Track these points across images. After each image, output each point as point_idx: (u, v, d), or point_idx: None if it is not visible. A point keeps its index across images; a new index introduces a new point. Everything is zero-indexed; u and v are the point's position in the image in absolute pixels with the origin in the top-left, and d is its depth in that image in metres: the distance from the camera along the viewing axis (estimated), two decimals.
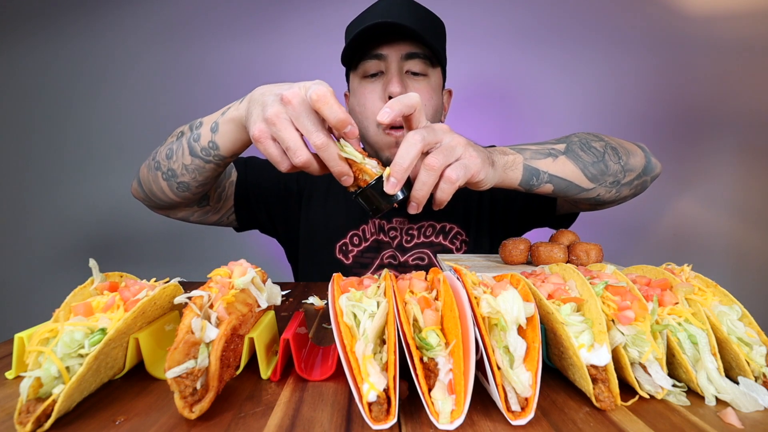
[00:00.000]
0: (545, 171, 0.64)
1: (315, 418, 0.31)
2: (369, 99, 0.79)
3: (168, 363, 0.30)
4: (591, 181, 0.68)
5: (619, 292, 0.37)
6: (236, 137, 0.62)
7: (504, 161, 0.61)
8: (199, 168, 0.67)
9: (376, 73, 0.79)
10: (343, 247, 0.90)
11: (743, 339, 0.36)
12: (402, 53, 0.77)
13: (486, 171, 0.55)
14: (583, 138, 0.70)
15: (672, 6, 1.57)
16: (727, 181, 1.62)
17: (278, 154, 0.51)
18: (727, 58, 1.57)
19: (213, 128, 0.64)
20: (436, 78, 0.82)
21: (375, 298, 0.36)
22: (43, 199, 1.65)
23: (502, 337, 0.32)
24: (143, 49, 1.62)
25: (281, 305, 0.64)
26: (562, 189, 0.67)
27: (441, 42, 0.82)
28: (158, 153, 0.72)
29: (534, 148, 0.66)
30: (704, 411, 0.32)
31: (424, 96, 0.79)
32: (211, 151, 0.65)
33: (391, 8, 0.76)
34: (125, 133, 1.64)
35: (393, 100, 0.50)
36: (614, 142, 0.72)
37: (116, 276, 0.44)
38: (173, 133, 0.75)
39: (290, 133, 0.49)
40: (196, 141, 0.66)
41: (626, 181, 0.72)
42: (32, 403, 0.30)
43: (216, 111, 0.66)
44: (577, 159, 0.67)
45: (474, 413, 0.31)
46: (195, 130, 0.67)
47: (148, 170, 0.74)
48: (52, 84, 1.62)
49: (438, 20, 0.82)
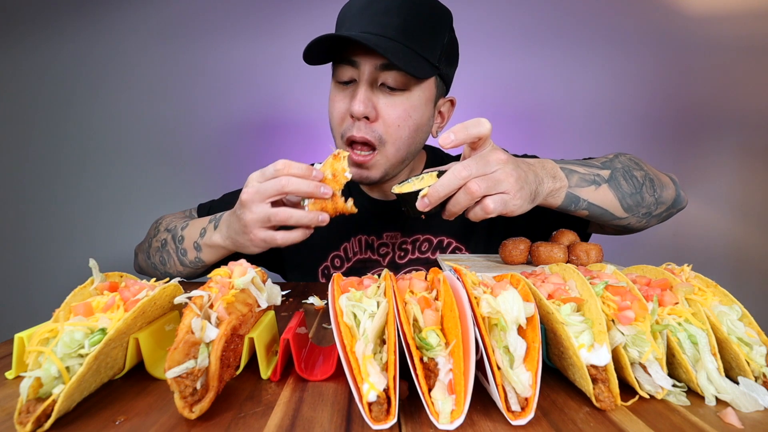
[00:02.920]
0: (585, 199, 0.64)
1: (315, 418, 0.31)
2: (336, 108, 0.73)
3: (168, 363, 0.30)
4: (626, 211, 0.68)
5: (619, 292, 0.37)
6: (219, 254, 0.72)
7: (550, 188, 0.61)
8: (191, 273, 0.79)
9: (348, 81, 0.71)
10: (325, 270, 0.87)
11: (743, 339, 0.36)
12: (377, 63, 0.67)
13: (523, 208, 0.56)
14: (626, 164, 0.70)
15: (672, 6, 1.57)
16: (727, 181, 1.62)
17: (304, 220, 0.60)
18: (727, 58, 1.57)
19: (196, 247, 0.74)
20: (422, 92, 0.71)
21: (375, 298, 0.36)
22: (43, 198, 1.65)
23: (502, 337, 0.32)
24: (143, 49, 1.62)
25: (281, 305, 0.64)
26: (596, 216, 0.67)
27: (435, 49, 0.70)
28: (151, 255, 0.83)
29: (582, 171, 0.65)
30: (704, 411, 0.32)
31: (398, 115, 0.70)
32: (198, 263, 0.76)
33: (376, 7, 0.67)
34: (125, 133, 1.64)
35: (459, 127, 0.52)
36: (652, 172, 0.72)
37: (116, 276, 0.44)
38: (150, 231, 0.87)
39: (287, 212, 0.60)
40: (184, 256, 0.76)
41: (657, 213, 0.72)
42: (32, 403, 0.30)
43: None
44: (617, 188, 0.67)
45: (474, 413, 0.31)
46: (179, 245, 0.77)
47: (146, 266, 0.85)
48: (52, 84, 1.62)
49: (439, 16, 0.71)
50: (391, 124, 0.70)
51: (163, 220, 0.88)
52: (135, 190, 1.65)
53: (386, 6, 0.67)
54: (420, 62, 0.67)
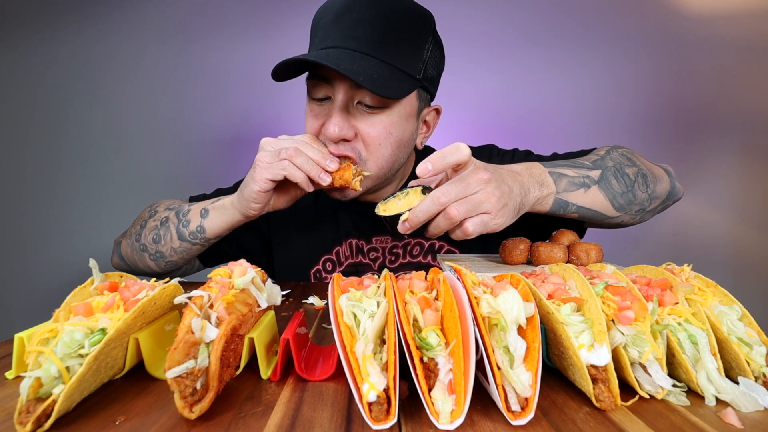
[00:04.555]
0: (574, 203, 0.64)
1: (315, 418, 0.31)
2: (310, 125, 0.70)
3: (168, 363, 0.30)
4: (617, 211, 0.67)
5: (619, 292, 0.37)
6: (223, 219, 0.72)
7: (536, 197, 0.60)
8: (186, 250, 0.77)
9: (324, 98, 0.68)
10: (317, 273, 0.86)
11: (743, 339, 0.36)
12: (352, 83, 0.64)
13: (506, 224, 0.56)
14: (617, 162, 0.69)
15: (672, 6, 1.57)
16: (727, 181, 1.62)
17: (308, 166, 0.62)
18: (727, 58, 1.57)
19: (203, 214, 0.74)
20: (402, 108, 0.68)
21: (375, 298, 0.36)
22: (42, 198, 1.65)
23: (502, 337, 0.32)
24: (143, 49, 1.62)
25: (281, 305, 0.64)
26: (587, 217, 0.67)
27: (416, 59, 0.66)
28: (142, 236, 0.80)
29: (570, 174, 0.64)
30: (704, 411, 0.32)
31: (377, 134, 0.67)
32: (198, 234, 0.74)
33: (350, 17, 0.63)
34: (125, 134, 1.64)
35: (437, 156, 0.52)
36: (645, 167, 0.71)
37: (116, 276, 0.44)
38: (141, 216, 0.84)
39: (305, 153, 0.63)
40: (185, 227, 0.75)
41: (651, 208, 0.72)
42: (32, 403, 0.30)
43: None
44: (608, 189, 0.66)
45: (474, 413, 0.31)
46: (183, 217, 0.76)
47: (132, 250, 0.81)
48: (52, 84, 1.62)
49: (418, 23, 0.66)
50: (371, 143, 0.68)
51: (160, 204, 0.86)
52: (135, 189, 1.65)
53: (361, 16, 0.63)
54: (398, 79, 0.64)
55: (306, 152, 0.63)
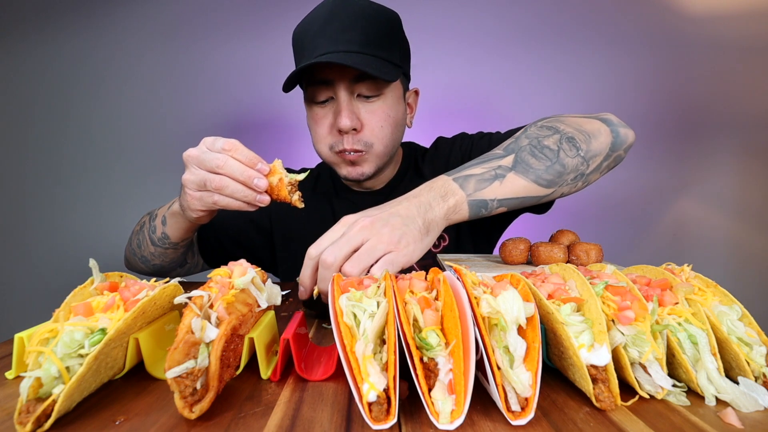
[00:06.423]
0: (493, 198, 0.59)
1: (315, 418, 0.31)
2: (319, 126, 0.77)
3: (168, 363, 0.30)
4: (548, 188, 0.62)
5: (619, 292, 0.37)
6: (179, 225, 0.73)
7: (443, 210, 0.56)
8: (162, 254, 0.80)
9: (325, 100, 0.75)
10: None
11: (743, 339, 0.36)
12: (350, 77, 0.72)
13: (419, 250, 0.53)
14: (534, 137, 0.64)
15: (672, 6, 1.57)
16: (727, 181, 1.62)
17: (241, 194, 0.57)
18: (727, 58, 1.57)
19: (163, 221, 0.75)
20: (394, 91, 0.78)
21: (375, 298, 0.36)
22: (43, 198, 1.65)
23: (502, 337, 0.32)
24: (143, 49, 1.62)
25: (281, 305, 0.64)
26: (517, 206, 0.62)
27: (395, 51, 0.76)
28: (132, 241, 0.84)
29: (478, 172, 0.60)
30: (704, 411, 0.32)
31: (378, 119, 0.76)
32: (165, 240, 0.77)
33: (333, 25, 0.70)
34: (125, 134, 1.64)
35: (347, 268, 0.48)
36: (571, 128, 0.65)
37: (116, 276, 0.44)
38: (140, 221, 0.85)
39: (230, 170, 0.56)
40: (153, 233, 0.78)
41: (591, 170, 0.65)
42: (32, 403, 0.30)
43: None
44: (527, 171, 0.61)
45: (474, 413, 0.31)
46: (152, 222, 0.78)
47: (130, 254, 0.86)
48: (52, 84, 1.62)
49: (391, 21, 0.75)
50: (374, 127, 0.77)
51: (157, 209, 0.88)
52: (135, 189, 1.65)
53: (343, 24, 0.70)
54: (387, 67, 0.73)
55: (233, 174, 0.56)
